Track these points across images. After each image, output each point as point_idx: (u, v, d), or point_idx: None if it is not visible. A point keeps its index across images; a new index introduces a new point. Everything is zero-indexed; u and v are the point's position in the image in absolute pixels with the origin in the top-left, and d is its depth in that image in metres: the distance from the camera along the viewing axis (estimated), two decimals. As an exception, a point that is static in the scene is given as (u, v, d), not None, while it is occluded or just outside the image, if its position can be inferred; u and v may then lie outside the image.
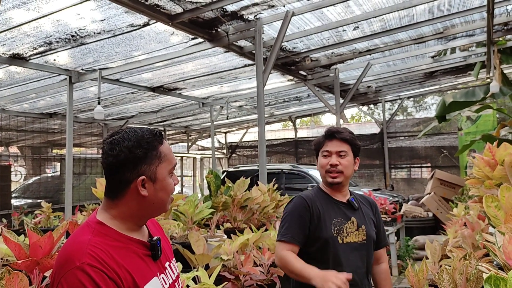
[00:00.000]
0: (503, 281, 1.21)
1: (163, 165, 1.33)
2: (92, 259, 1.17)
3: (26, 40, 4.94)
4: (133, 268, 1.25)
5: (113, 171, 1.30)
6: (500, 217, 1.93)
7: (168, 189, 1.35)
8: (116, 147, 1.28)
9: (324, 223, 2.14)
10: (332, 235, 2.12)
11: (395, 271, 6.91)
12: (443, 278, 1.80)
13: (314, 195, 2.25)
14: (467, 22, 6.04)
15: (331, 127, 2.31)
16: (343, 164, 2.20)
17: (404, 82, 10.11)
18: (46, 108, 9.05)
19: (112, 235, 1.28)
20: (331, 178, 2.21)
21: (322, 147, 2.26)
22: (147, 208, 1.33)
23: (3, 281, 1.78)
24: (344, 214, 2.21)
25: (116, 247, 1.26)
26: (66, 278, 1.14)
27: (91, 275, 1.14)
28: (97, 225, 1.29)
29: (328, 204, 2.22)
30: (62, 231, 2.22)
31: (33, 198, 9.71)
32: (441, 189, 8.99)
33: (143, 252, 1.33)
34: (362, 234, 2.20)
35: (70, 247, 1.22)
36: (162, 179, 1.33)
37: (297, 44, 6.16)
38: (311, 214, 2.15)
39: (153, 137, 1.33)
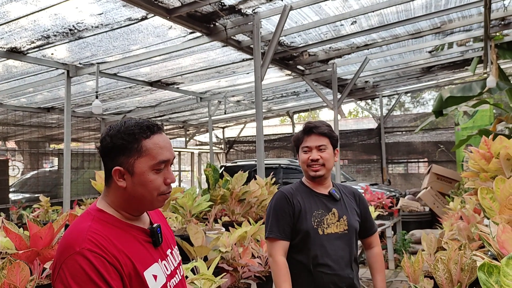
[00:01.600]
0: (496, 269, 1.24)
1: (143, 159, 1.29)
2: (92, 245, 1.18)
3: (23, 34, 4.93)
4: (133, 253, 1.27)
5: (102, 159, 1.33)
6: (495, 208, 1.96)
7: (149, 186, 1.30)
8: (106, 136, 1.31)
9: (304, 216, 2.23)
10: (312, 227, 2.21)
11: (392, 265, 6.97)
12: (438, 268, 1.83)
13: (295, 189, 2.34)
14: (464, 17, 6.06)
15: (308, 123, 2.37)
16: (324, 158, 2.28)
17: (402, 77, 10.13)
18: (44, 102, 9.03)
19: (112, 221, 1.30)
20: (313, 171, 2.29)
21: (302, 143, 2.34)
22: (129, 200, 1.32)
23: (5, 270, 1.80)
24: (325, 206, 2.29)
25: (116, 233, 1.28)
26: (66, 263, 1.16)
27: (91, 260, 1.16)
28: (97, 212, 1.32)
29: (309, 197, 2.31)
30: (62, 223, 2.24)
31: (31, 193, 9.71)
32: (437, 183, 9.05)
33: (143, 239, 1.35)
34: (344, 224, 2.28)
35: (70, 234, 1.24)
36: (140, 174, 1.29)
37: (295, 38, 6.16)
38: (293, 208, 2.25)
39: (139, 130, 1.30)
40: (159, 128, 1.34)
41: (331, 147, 2.32)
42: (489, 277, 1.23)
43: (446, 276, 1.83)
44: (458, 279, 1.81)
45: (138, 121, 1.33)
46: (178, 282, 1.44)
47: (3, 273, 1.81)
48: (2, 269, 1.82)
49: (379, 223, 6.08)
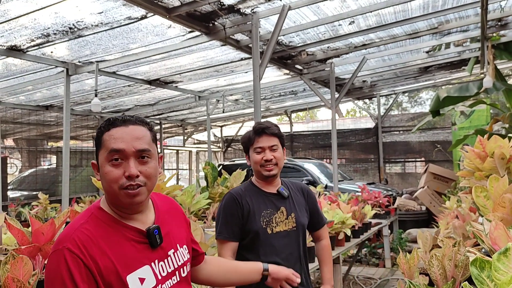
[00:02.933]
0: (488, 264, 1.28)
1: (101, 151, 1.32)
2: (73, 245, 1.22)
3: (23, 32, 4.95)
4: (118, 256, 1.27)
5: None
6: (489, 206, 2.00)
7: (106, 177, 1.29)
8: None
9: (253, 216, 2.29)
10: (261, 226, 2.28)
11: (388, 263, 7.03)
12: (433, 264, 1.87)
13: (244, 190, 2.39)
14: (461, 17, 6.10)
15: (259, 124, 2.40)
16: (277, 157, 2.34)
17: (399, 77, 10.18)
18: (43, 100, 9.05)
19: (107, 221, 1.32)
20: (267, 171, 2.33)
21: (253, 143, 2.35)
22: (106, 194, 1.35)
23: (8, 265, 1.83)
24: (273, 205, 2.35)
25: (107, 233, 1.29)
26: (50, 257, 1.24)
27: (67, 259, 1.20)
28: (96, 210, 1.34)
29: (258, 198, 2.36)
30: (63, 219, 2.27)
31: (29, 190, 9.73)
32: (434, 183, 9.11)
33: (138, 240, 1.34)
34: (292, 222, 2.35)
35: (64, 230, 1.29)
36: (101, 166, 1.31)
37: (293, 38, 6.20)
38: (242, 209, 2.29)
39: (105, 124, 1.34)
40: (125, 121, 1.33)
41: (281, 146, 2.38)
42: (481, 272, 1.27)
43: (441, 272, 1.87)
44: (452, 275, 1.85)
45: (113, 117, 1.37)
46: (176, 283, 1.42)
47: (6, 268, 1.84)
48: (5, 264, 1.86)
49: (376, 221, 6.13)
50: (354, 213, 4.94)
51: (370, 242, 7.59)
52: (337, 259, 4.18)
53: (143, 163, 1.32)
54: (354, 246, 5.16)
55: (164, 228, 1.43)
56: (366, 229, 5.39)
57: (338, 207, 4.69)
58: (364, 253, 7.54)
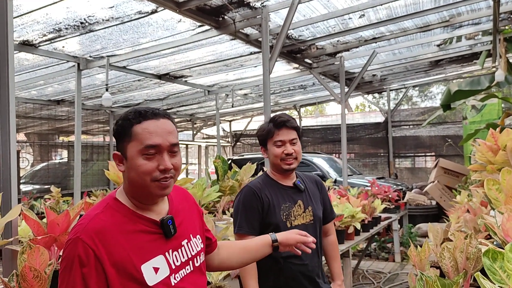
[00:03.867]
0: (500, 255, 1.29)
1: (132, 143, 1.32)
2: (87, 235, 1.25)
3: (36, 27, 4.99)
4: (133, 246, 1.30)
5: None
6: (501, 199, 2.00)
7: (139, 170, 1.31)
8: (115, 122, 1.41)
9: (273, 210, 2.27)
10: (281, 220, 2.26)
11: (398, 258, 7.02)
12: (444, 256, 1.88)
13: (262, 183, 2.36)
14: (473, 10, 6.03)
15: (278, 116, 2.37)
16: (296, 151, 2.32)
17: (410, 71, 10.10)
18: (54, 95, 9.13)
19: (122, 211, 1.35)
20: (287, 165, 2.30)
21: (273, 136, 2.32)
22: (130, 185, 1.36)
23: (25, 255, 1.87)
24: (291, 198, 2.34)
25: (121, 223, 1.32)
26: (66, 245, 1.28)
27: (79, 249, 1.23)
28: (112, 201, 1.37)
29: (276, 191, 2.34)
30: (77, 210, 2.31)
31: (41, 184, 9.86)
32: (444, 177, 9.05)
33: (152, 230, 1.36)
34: (309, 215, 2.34)
35: (79, 220, 1.32)
36: (131, 158, 1.32)
37: (303, 32, 6.18)
38: (262, 202, 2.27)
39: (133, 115, 1.34)
40: (155, 114, 1.35)
41: (299, 139, 2.36)
42: (493, 263, 1.28)
43: (452, 264, 1.88)
44: (463, 267, 1.86)
45: (138, 108, 1.37)
46: (190, 273, 1.45)
47: (23, 257, 1.88)
48: (22, 254, 1.90)
49: (385, 216, 6.12)
50: (364, 207, 4.94)
51: (380, 237, 7.59)
52: (347, 252, 4.19)
53: (173, 156, 1.37)
54: (363, 240, 5.17)
55: (178, 218, 1.45)
56: (376, 223, 5.39)
57: (348, 201, 4.69)
58: (374, 247, 7.54)
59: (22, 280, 1.73)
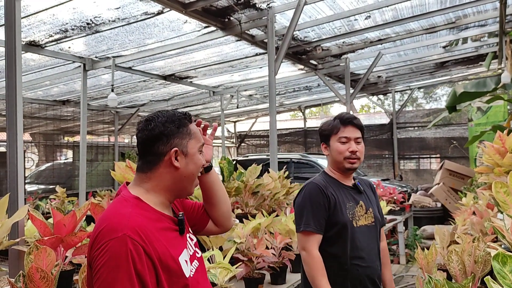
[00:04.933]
0: (510, 258, 1.28)
1: (193, 141, 1.46)
2: (133, 232, 1.26)
3: (42, 28, 5.02)
4: (167, 241, 1.36)
5: (148, 145, 1.42)
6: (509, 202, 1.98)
7: (198, 163, 1.47)
8: (151, 122, 1.42)
9: (340, 208, 2.17)
10: (348, 219, 2.17)
11: (403, 260, 6.99)
12: (452, 259, 1.87)
13: (325, 181, 2.26)
14: (479, 12, 6.01)
15: (345, 114, 2.32)
16: (360, 151, 2.25)
17: (415, 72, 10.07)
18: (60, 95, 9.17)
19: (147, 210, 1.38)
20: (349, 164, 2.23)
21: (338, 132, 2.24)
22: (178, 181, 1.43)
23: (32, 255, 1.87)
24: (353, 198, 2.26)
25: (152, 220, 1.36)
26: (108, 244, 1.25)
27: (129, 247, 1.24)
28: (134, 200, 1.39)
29: (339, 189, 2.25)
30: (84, 211, 2.31)
31: (46, 184, 9.89)
32: (450, 179, 9.01)
33: (172, 227, 1.43)
34: (371, 216, 2.26)
35: (114, 218, 1.31)
36: (193, 154, 1.45)
37: (309, 33, 6.18)
38: (328, 200, 2.17)
39: (183, 116, 1.47)
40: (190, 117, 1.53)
41: (363, 141, 2.30)
42: (503, 266, 1.27)
43: (460, 268, 1.87)
44: (471, 271, 1.85)
45: (177, 110, 1.50)
46: (199, 265, 1.51)
47: (30, 258, 1.89)
48: (29, 254, 1.91)
49: (390, 218, 6.09)
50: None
51: (385, 238, 7.55)
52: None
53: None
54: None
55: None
56: (381, 225, 5.36)
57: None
58: (378, 249, 7.50)
59: (28, 281, 1.74)
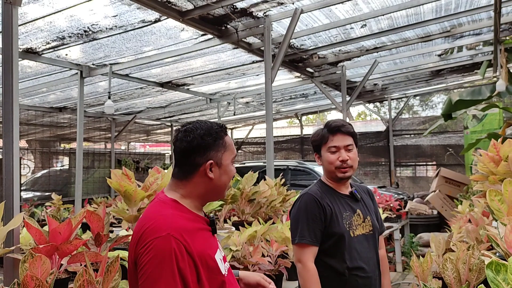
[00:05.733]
0: (504, 267, 1.28)
1: (227, 153, 1.54)
2: (176, 232, 1.37)
3: (39, 35, 5.03)
4: (205, 240, 1.47)
5: (185, 155, 1.51)
6: (503, 210, 2.00)
7: (230, 174, 1.56)
8: (190, 134, 1.50)
9: (336, 218, 2.14)
10: (345, 229, 2.14)
11: (399, 267, 6.99)
12: (447, 267, 1.88)
13: (321, 190, 2.23)
14: (474, 21, 6.07)
15: (333, 121, 2.26)
16: (352, 158, 2.19)
17: (411, 80, 10.13)
18: (56, 102, 9.16)
19: (185, 211, 1.49)
20: (341, 173, 2.19)
21: (327, 142, 2.21)
22: (211, 190, 1.54)
23: (26, 264, 1.87)
24: (350, 207, 2.22)
25: (189, 221, 1.47)
26: (153, 243, 1.35)
27: (173, 245, 1.34)
28: (173, 202, 1.49)
29: (335, 199, 2.22)
30: (80, 219, 2.30)
31: (42, 191, 9.84)
32: (446, 187, 9.03)
33: (206, 228, 1.53)
34: (369, 225, 2.23)
35: (157, 218, 1.42)
36: (226, 165, 1.53)
37: (305, 41, 6.22)
38: (324, 211, 2.14)
39: (220, 129, 1.54)
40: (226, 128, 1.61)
41: (355, 146, 2.24)
42: (496, 275, 1.28)
43: (455, 276, 1.87)
44: (466, 279, 1.85)
45: (214, 122, 1.58)
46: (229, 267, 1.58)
47: (25, 266, 1.88)
48: (24, 262, 1.90)
49: (387, 225, 6.10)
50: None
51: (381, 246, 7.55)
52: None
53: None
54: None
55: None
56: (377, 233, 5.37)
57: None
58: (375, 257, 7.50)
59: (23, 289, 1.73)
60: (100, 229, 2.38)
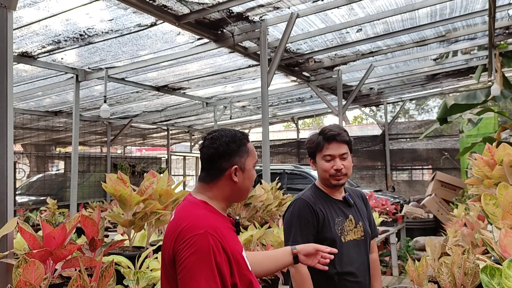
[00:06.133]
0: (498, 271, 1.29)
1: (250, 158, 1.65)
2: (212, 230, 1.48)
3: (35, 39, 5.02)
4: (233, 239, 1.58)
5: (212, 161, 1.62)
6: (498, 214, 2.00)
7: (252, 178, 1.67)
8: (216, 141, 1.62)
9: (328, 223, 2.17)
10: (337, 235, 2.16)
11: (396, 271, 6.98)
12: (442, 272, 1.88)
13: (314, 196, 2.25)
14: (469, 25, 6.11)
15: (328, 129, 2.25)
16: (346, 167, 2.21)
17: (406, 84, 10.17)
18: (52, 106, 9.13)
19: (214, 211, 1.60)
20: (335, 181, 2.21)
21: (322, 150, 2.21)
22: (236, 192, 1.65)
23: (20, 269, 1.85)
24: (342, 212, 2.24)
25: (220, 221, 1.57)
26: (193, 239, 1.45)
27: (211, 242, 1.45)
28: (203, 204, 1.60)
29: (328, 204, 2.24)
30: (74, 224, 2.29)
31: (37, 195, 9.78)
32: (442, 191, 9.05)
33: (233, 228, 1.64)
34: (360, 230, 2.25)
35: (193, 218, 1.53)
36: (249, 170, 1.65)
37: (301, 45, 6.23)
38: (317, 216, 2.16)
39: (243, 136, 1.67)
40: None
41: (350, 153, 2.26)
42: (491, 279, 1.28)
43: (450, 280, 1.87)
44: (461, 283, 1.85)
45: (236, 130, 1.69)
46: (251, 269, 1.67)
47: (18, 271, 1.86)
48: (17, 268, 1.88)
49: (383, 229, 6.10)
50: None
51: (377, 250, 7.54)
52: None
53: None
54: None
55: None
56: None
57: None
58: (371, 261, 7.49)
59: (17, 295, 1.71)
60: (95, 233, 2.37)
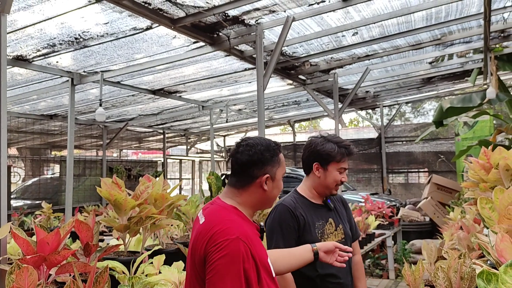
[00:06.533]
0: (495, 276, 1.28)
1: (280, 168, 1.71)
2: (243, 236, 1.52)
3: (30, 42, 4.99)
4: (260, 246, 1.61)
5: (245, 167, 1.66)
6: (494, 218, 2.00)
7: (280, 188, 1.72)
8: (252, 148, 1.66)
9: (309, 227, 2.26)
10: (317, 238, 2.25)
11: (392, 275, 6.98)
12: (439, 276, 1.87)
13: (295, 201, 2.34)
14: (464, 29, 6.13)
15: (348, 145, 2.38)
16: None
17: (402, 88, 10.19)
18: (47, 109, 9.08)
19: (244, 217, 1.65)
20: (335, 191, 2.37)
21: (341, 162, 2.33)
22: (263, 200, 1.70)
23: (13, 275, 1.83)
24: (323, 216, 2.34)
25: (248, 226, 1.62)
26: (224, 243, 1.50)
27: (241, 248, 1.49)
28: (233, 209, 1.65)
29: (309, 209, 2.33)
30: (68, 229, 2.27)
31: (32, 199, 9.72)
32: (438, 194, 9.07)
33: (258, 234, 1.68)
34: (341, 233, 2.35)
35: (225, 222, 1.57)
36: (279, 180, 1.70)
37: (297, 48, 6.23)
38: (297, 221, 2.26)
39: (276, 146, 1.72)
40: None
41: None
42: (487, 284, 1.27)
43: (446, 284, 1.87)
44: (457, 287, 1.85)
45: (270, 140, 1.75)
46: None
47: (11, 278, 1.85)
48: (10, 274, 1.86)
49: (379, 232, 6.10)
50: (358, 223, 4.92)
51: (374, 253, 7.55)
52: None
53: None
54: (357, 257, 5.13)
55: None
56: (370, 240, 5.37)
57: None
58: (368, 264, 7.50)
59: (9, 301, 1.69)
60: (89, 238, 2.34)
